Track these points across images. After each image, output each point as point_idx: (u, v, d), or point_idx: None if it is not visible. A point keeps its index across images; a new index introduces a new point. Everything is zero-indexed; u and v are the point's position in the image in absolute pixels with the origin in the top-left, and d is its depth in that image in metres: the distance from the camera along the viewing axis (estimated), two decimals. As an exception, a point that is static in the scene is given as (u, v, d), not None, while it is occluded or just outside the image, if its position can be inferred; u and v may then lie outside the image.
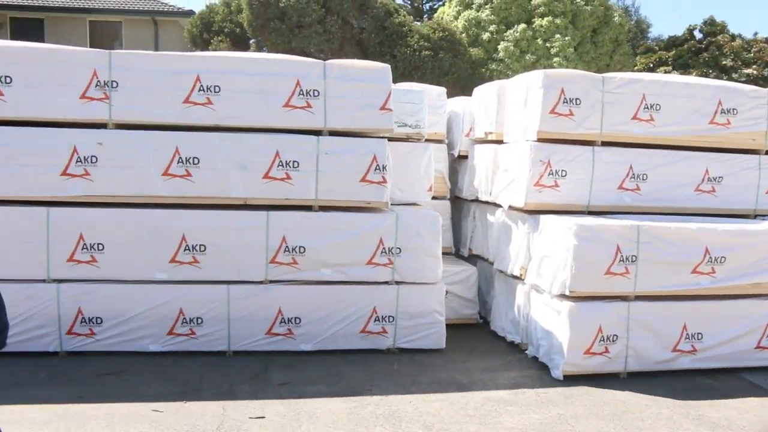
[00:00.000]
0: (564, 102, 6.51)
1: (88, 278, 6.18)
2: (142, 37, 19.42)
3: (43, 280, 6.14)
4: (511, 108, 7.18)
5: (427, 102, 7.41)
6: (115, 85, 6.08)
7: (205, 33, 16.28)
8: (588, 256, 5.97)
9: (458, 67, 12.44)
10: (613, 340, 6.07)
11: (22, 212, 6.08)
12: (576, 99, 6.52)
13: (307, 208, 6.44)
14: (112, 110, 6.10)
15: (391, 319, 6.56)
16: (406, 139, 7.37)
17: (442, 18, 13.75)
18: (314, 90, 6.31)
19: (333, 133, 6.43)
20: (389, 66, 6.53)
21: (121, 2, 21.05)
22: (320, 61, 6.41)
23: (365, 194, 6.45)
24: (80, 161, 6.07)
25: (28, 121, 6.08)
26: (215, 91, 6.18)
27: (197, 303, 6.27)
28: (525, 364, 6.59)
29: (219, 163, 6.21)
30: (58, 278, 6.15)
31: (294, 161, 6.30)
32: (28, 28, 18.82)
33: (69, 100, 6.05)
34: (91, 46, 20.04)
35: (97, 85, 6.06)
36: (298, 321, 6.41)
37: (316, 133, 6.40)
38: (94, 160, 6.08)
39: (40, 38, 18.70)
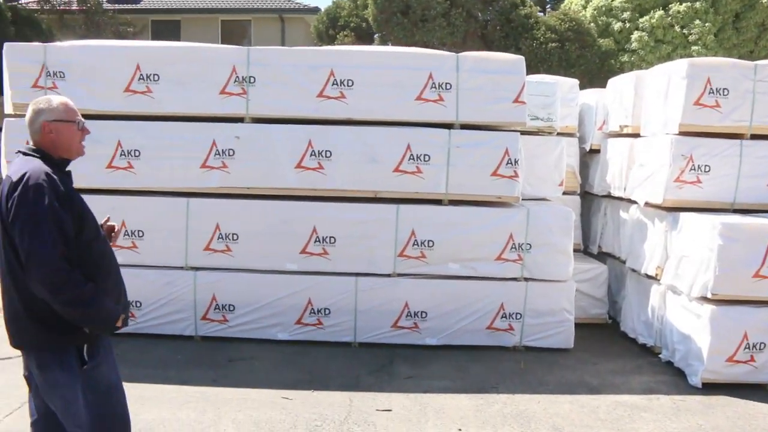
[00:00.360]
0: (710, 93, 6.09)
1: (222, 267, 6.39)
2: (269, 34, 20.04)
3: (181, 267, 6.40)
4: (650, 100, 6.80)
5: (559, 94, 7.15)
6: (252, 80, 6.23)
7: (331, 29, 16.54)
8: (734, 258, 5.57)
9: (586, 59, 11.97)
10: (760, 349, 5.64)
11: (165, 202, 6.36)
12: (723, 89, 6.09)
13: (436, 201, 6.38)
14: (249, 105, 6.26)
15: (518, 316, 6.40)
16: (536, 132, 7.15)
17: (569, 7, 13.25)
18: (446, 83, 6.22)
19: (464, 127, 6.32)
20: (523, 58, 6.34)
21: (251, 1, 21.84)
22: (453, 53, 6.31)
23: (496, 189, 6.30)
24: (218, 154, 6.27)
25: (172, 116, 6.33)
26: (348, 85, 6.22)
27: (325, 294, 6.35)
28: (659, 368, 6.25)
29: (350, 156, 6.25)
30: (195, 266, 6.40)
31: (425, 155, 6.24)
32: (166, 29, 19.94)
33: (209, 96, 6.26)
34: (222, 44, 20.98)
35: (235, 81, 6.23)
36: (424, 315, 6.37)
37: (447, 126, 6.31)
38: (231, 153, 6.26)
39: (176, 38, 19.68)
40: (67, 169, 3.12)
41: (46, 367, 2.97)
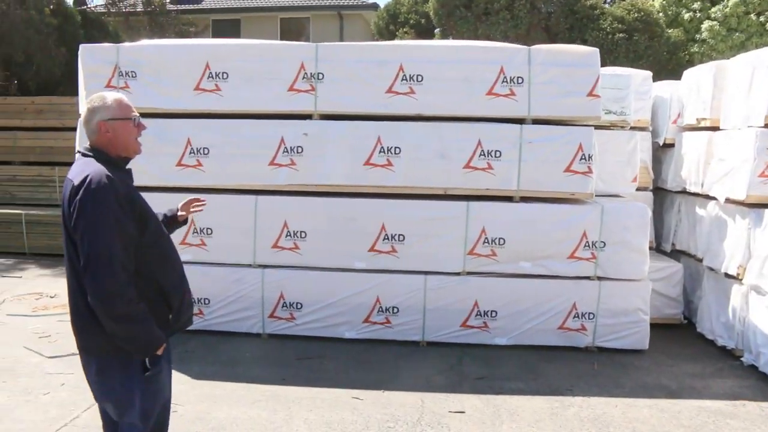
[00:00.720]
0: (797, 84, 5.77)
1: (290, 264, 6.35)
2: (327, 31, 20.06)
3: (250, 265, 6.38)
4: (731, 91, 6.49)
5: (633, 87, 6.89)
6: (321, 76, 6.16)
7: (391, 25, 16.41)
8: (826, 258, 5.27)
9: (654, 50, 11.55)
10: None
11: (234, 200, 6.35)
12: (812, 80, 5.77)
13: (507, 198, 6.21)
14: (318, 101, 6.19)
15: (591, 316, 6.19)
16: (608, 126, 6.91)
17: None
18: (518, 77, 6.04)
19: (536, 121, 6.14)
20: (597, 50, 6.12)
21: None
22: (525, 46, 6.12)
23: (569, 185, 6.10)
24: (287, 151, 6.22)
25: (240, 113, 6.32)
26: (418, 81, 6.10)
27: (394, 292, 6.26)
28: (741, 372, 5.96)
29: (420, 153, 6.13)
30: (263, 263, 6.37)
31: (496, 150, 6.08)
32: (227, 28, 20.14)
33: (278, 93, 6.21)
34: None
35: (304, 77, 6.17)
36: (494, 314, 6.22)
37: (518, 121, 6.13)
38: (299, 150, 6.21)
39: (236, 36, 19.94)
40: (127, 167, 3.05)
41: (106, 372, 2.87)
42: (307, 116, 6.27)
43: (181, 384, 5.38)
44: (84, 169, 2.78)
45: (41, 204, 10.38)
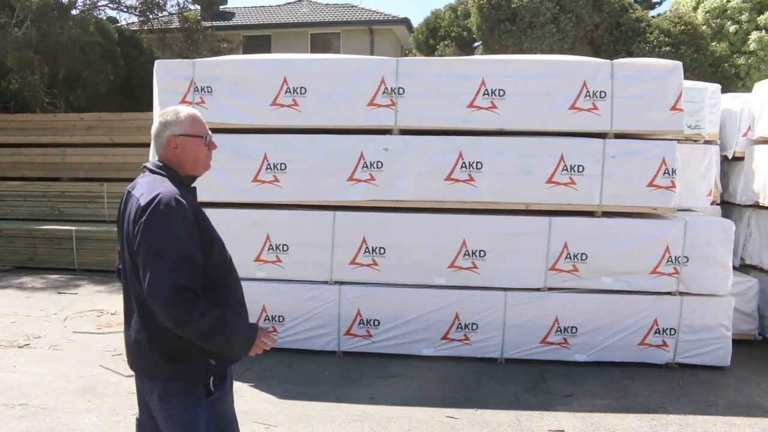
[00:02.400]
0: None
1: (368, 281, 6.17)
2: (358, 46, 19.95)
3: (326, 282, 6.20)
4: (808, 105, 6.35)
5: (708, 101, 6.74)
6: (401, 91, 6.01)
7: (431, 39, 16.31)
8: None
9: (700, 63, 11.43)
10: None
11: (311, 216, 6.18)
12: None
13: (588, 213, 6.05)
14: (398, 116, 6.04)
15: (672, 332, 6.00)
16: (682, 140, 6.75)
17: (676, 8, 12.63)
18: (601, 91, 5.90)
19: (618, 136, 5.98)
20: (681, 64, 5.98)
21: (340, 14, 21.80)
22: (608, 60, 5.98)
23: (652, 200, 5.94)
24: (366, 167, 6.07)
25: (318, 129, 6.17)
26: (500, 95, 5.95)
27: (473, 308, 6.08)
28: (828, 390, 5.78)
29: (502, 168, 5.97)
30: (340, 280, 6.20)
31: (579, 165, 5.92)
32: (257, 44, 20.03)
33: (357, 108, 6.07)
34: None
35: (384, 92, 6.03)
36: (574, 330, 6.04)
37: (600, 136, 5.98)
38: (379, 165, 6.05)
39: (266, 52, 19.88)
40: (192, 185, 2.88)
41: (170, 398, 2.69)
42: (386, 131, 6.11)
43: (268, 404, 5.20)
44: (154, 187, 2.61)
45: (89, 220, 10.24)
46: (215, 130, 6.21)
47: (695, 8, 12.81)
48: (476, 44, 14.30)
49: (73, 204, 10.34)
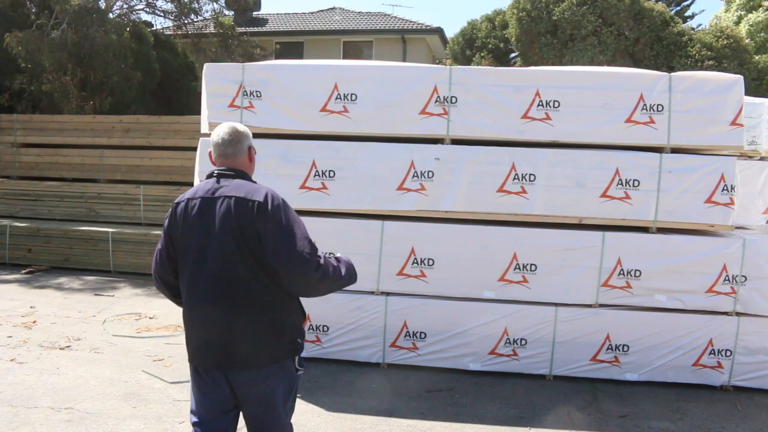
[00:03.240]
0: None
1: (416, 293, 6.00)
2: (390, 55, 19.80)
3: (372, 292, 6.04)
4: None
5: (765, 116, 6.53)
6: (454, 100, 5.85)
7: (468, 49, 16.15)
8: None
9: (744, 77, 11.19)
10: None
11: (359, 225, 6.02)
12: None
13: (642, 229, 5.84)
14: (450, 125, 5.88)
15: (728, 353, 5.77)
16: (738, 156, 6.53)
17: (716, 23, 12.41)
18: (658, 104, 5.70)
19: (674, 150, 5.78)
20: (742, 77, 5.77)
21: (372, 23, 21.66)
22: (665, 73, 5.79)
23: (709, 216, 5.72)
24: (416, 176, 5.90)
25: (369, 136, 6.02)
26: (554, 107, 5.77)
27: (523, 324, 5.88)
28: None
29: (556, 181, 5.78)
30: (386, 291, 6.03)
31: (634, 180, 5.72)
32: (290, 51, 19.95)
33: (409, 117, 5.91)
34: None
35: (436, 101, 5.87)
36: (626, 349, 5.82)
37: (656, 150, 5.78)
38: (430, 175, 5.89)
39: (299, 58, 19.82)
40: None
41: (274, 377, 2.96)
42: (438, 140, 5.96)
43: (317, 416, 5.04)
44: (255, 187, 2.99)
45: (125, 222, 10.15)
46: (263, 135, 6.16)
47: (737, 22, 12.55)
48: (513, 56, 14.11)
49: (109, 206, 10.26)
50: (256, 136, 6.09)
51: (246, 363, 2.91)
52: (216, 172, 3.05)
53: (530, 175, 5.80)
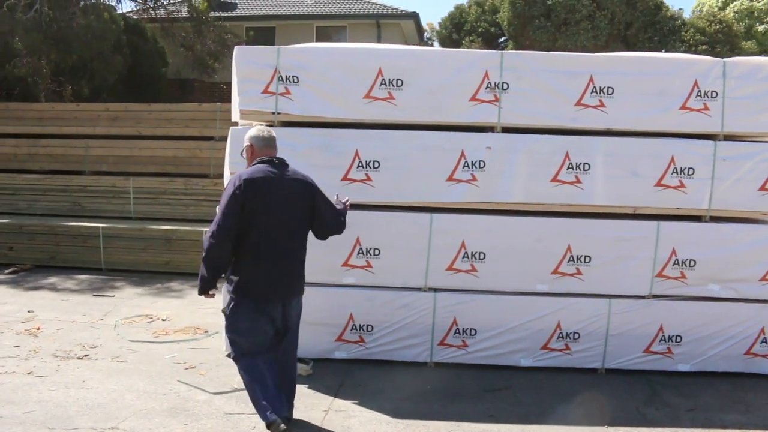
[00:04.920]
0: None
1: (465, 288, 5.62)
2: (363, 40, 19.07)
3: (419, 289, 5.63)
4: None
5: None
6: (505, 86, 5.46)
7: (455, 33, 15.70)
8: None
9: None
10: None
11: (406, 218, 5.59)
12: None
13: (695, 218, 5.61)
14: (501, 113, 5.49)
15: (779, 341, 5.62)
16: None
17: (701, 9, 12.37)
18: (712, 91, 5.45)
19: (727, 138, 5.55)
20: (796, 63, 5.57)
21: (346, 7, 20.90)
22: (719, 59, 5.54)
23: (763, 204, 5.53)
24: (467, 166, 5.50)
25: (415, 124, 5.58)
26: (608, 93, 5.45)
27: (576, 317, 5.58)
28: None
29: (610, 170, 5.47)
30: (435, 287, 5.63)
31: (689, 168, 5.47)
32: (261, 36, 18.99)
33: (458, 103, 5.49)
34: None
35: (487, 87, 5.46)
36: (678, 339, 5.59)
37: (709, 137, 5.54)
38: (481, 165, 5.49)
39: (270, 44, 18.98)
40: None
41: (301, 302, 4.36)
42: (488, 128, 5.56)
43: (386, 425, 4.61)
44: (303, 173, 4.32)
45: (113, 216, 9.35)
46: (301, 124, 5.63)
47: (721, 8, 12.56)
48: (502, 39, 13.80)
49: (96, 199, 9.44)
50: (292, 124, 5.65)
51: (298, 292, 4.29)
52: (275, 159, 4.18)
53: (585, 164, 5.48)
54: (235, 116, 5.75)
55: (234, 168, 5.56)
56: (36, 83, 10.64)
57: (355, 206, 5.57)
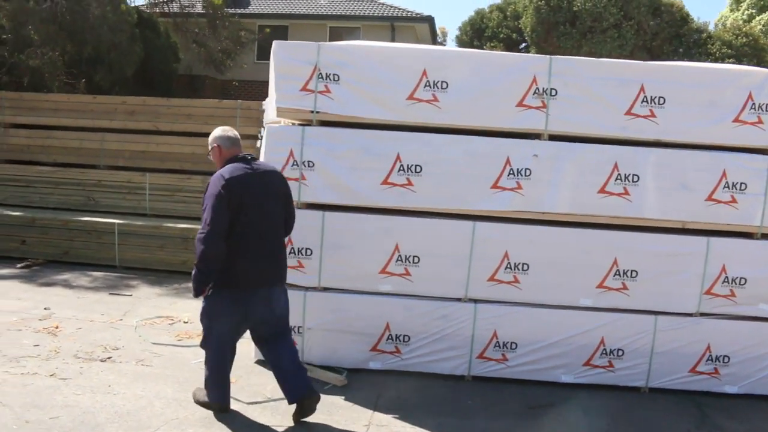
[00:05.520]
0: None
1: (507, 300, 5.39)
2: (378, 41, 18.89)
3: (459, 299, 5.40)
4: None
5: None
6: (553, 92, 5.24)
7: (476, 39, 15.47)
8: None
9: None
10: None
11: (448, 225, 5.36)
12: None
13: (745, 235, 5.40)
14: (549, 120, 5.27)
15: (830, 364, 5.41)
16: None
17: (725, 22, 12.20)
18: (766, 104, 5.25)
19: (780, 153, 5.35)
20: None
21: (360, 8, 20.60)
22: (774, 70, 5.34)
23: (816, 223, 5.33)
24: (512, 174, 5.28)
25: (459, 129, 5.35)
26: (659, 103, 5.23)
27: (620, 333, 5.36)
28: None
29: (659, 182, 5.26)
30: (475, 298, 5.40)
31: (741, 183, 5.25)
32: (274, 34, 18.58)
33: (504, 109, 5.27)
34: None
35: (535, 93, 5.24)
36: (726, 360, 5.38)
37: (761, 151, 5.34)
38: (527, 173, 5.27)
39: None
40: None
41: (286, 293, 4.47)
42: (534, 136, 5.34)
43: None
44: (267, 163, 4.67)
45: (128, 213, 9.06)
46: (340, 124, 5.39)
47: (747, 21, 12.38)
48: (523, 46, 13.59)
49: (111, 194, 9.15)
50: (332, 124, 5.41)
51: (282, 279, 4.39)
52: (247, 156, 4.36)
53: (633, 175, 5.26)
54: (272, 115, 5.51)
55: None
56: (51, 75, 10.33)
57: (395, 212, 5.39)
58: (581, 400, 5.22)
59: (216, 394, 4.43)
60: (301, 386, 4.35)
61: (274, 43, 5.44)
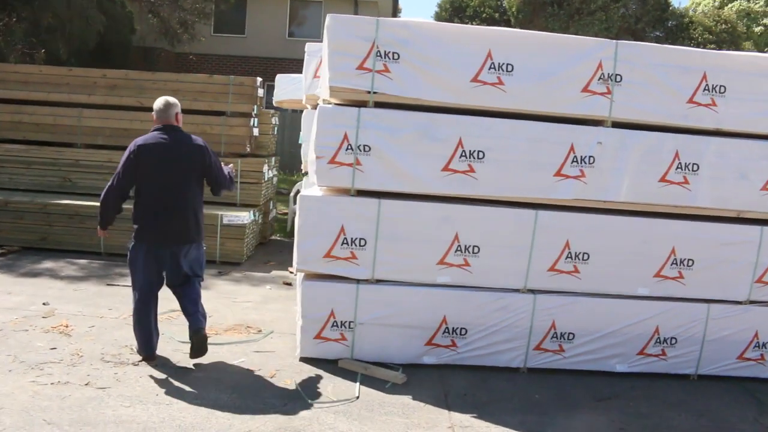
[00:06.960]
0: None
1: (566, 290, 5.16)
2: None
3: (518, 290, 5.12)
4: None
5: None
6: (618, 78, 4.99)
7: (455, 17, 14.92)
8: None
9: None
10: None
11: (510, 214, 5.05)
12: None
13: (791, 224, 5.37)
14: (613, 106, 5.02)
15: None
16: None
17: (695, 8, 12.34)
18: (824, 95, 5.20)
19: (830, 143, 5.32)
20: None
21: None
22: (827, 60, 5.29)
23: None
24: (576, 161, 5.01)
25: (524, 113, 5.02)
26: (720, 92, 5.08)
27: (675, 322, 5.24)
28: None
29: (718, 172, 5.12)
30: (534, 288, 5.14)
31: (796, 173, 5.21)
32: (231, 11, 17.39)
33: (569, 94, 4.98)
34: (289, 28, 18.83)
35: (600, 78, 4.97)
36: (769, 346, 5.38)
37: (809, 141, 5.30)
38: (591, 160, 5.01)
39: (242, 20, 17.58)
40: None
41: (198, 249, 4.84)
42: (598, 122, 5.08)
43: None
44: (192, 136, 4.77)
45: (109, 195, 8.21)
46: (399, 106, 4.95)
47: (720, 7, 12.56)
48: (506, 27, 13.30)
49: (90, 175, 8.27)
50: (390, 105, 4.94)
51: (190, 239, 4.71)
52: (167, 126, 4.65)
53: (694, 164, 5.11)
54: (324, 93, 5.01)
55: (321, 151, 4.86)
56: (7, 44, 9.21)
57: (456, 199, 5.03)
58: (640, 390, 5.08)
59: (139, 343, 4.85)
60: (193, 326, 4.73)
61: (329, 16, 4.91)
